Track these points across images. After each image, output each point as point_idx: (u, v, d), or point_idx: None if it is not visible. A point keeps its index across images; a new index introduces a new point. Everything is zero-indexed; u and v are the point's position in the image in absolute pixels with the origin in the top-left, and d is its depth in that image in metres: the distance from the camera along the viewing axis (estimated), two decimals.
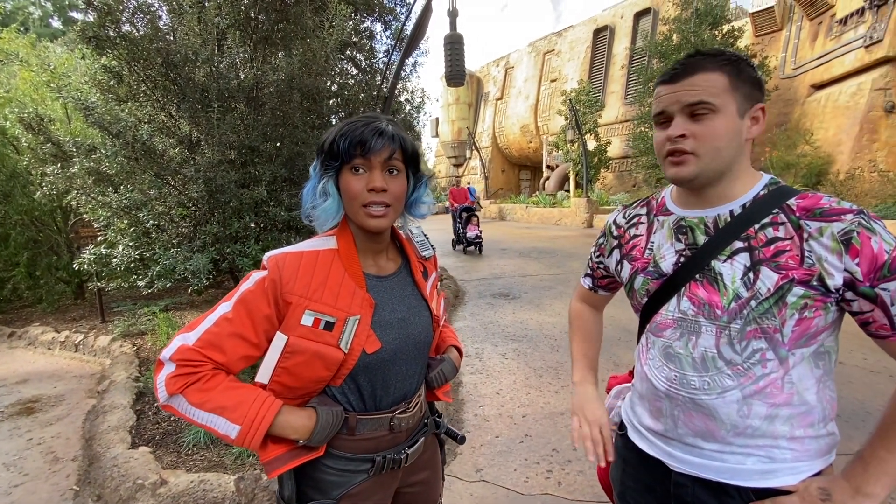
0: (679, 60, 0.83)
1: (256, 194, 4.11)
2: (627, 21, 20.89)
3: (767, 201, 0.80)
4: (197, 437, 2.54)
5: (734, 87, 0.78)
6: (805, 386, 0.79)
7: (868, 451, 0.75)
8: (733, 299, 0.78)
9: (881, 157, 11.23)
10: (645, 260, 0.92)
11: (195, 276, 3.85)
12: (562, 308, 5.56)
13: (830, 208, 0.74)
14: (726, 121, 0.78)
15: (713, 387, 0.81)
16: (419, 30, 4.82)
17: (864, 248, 0.70)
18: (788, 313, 0.75)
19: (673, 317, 0.86)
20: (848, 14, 12.24)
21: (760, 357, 0.78)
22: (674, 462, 0.88)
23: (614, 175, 20.55)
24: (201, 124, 3.91)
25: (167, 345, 0.83)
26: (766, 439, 0.80)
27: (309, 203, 0.90)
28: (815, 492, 0.76)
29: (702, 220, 0.84)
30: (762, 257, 0.77)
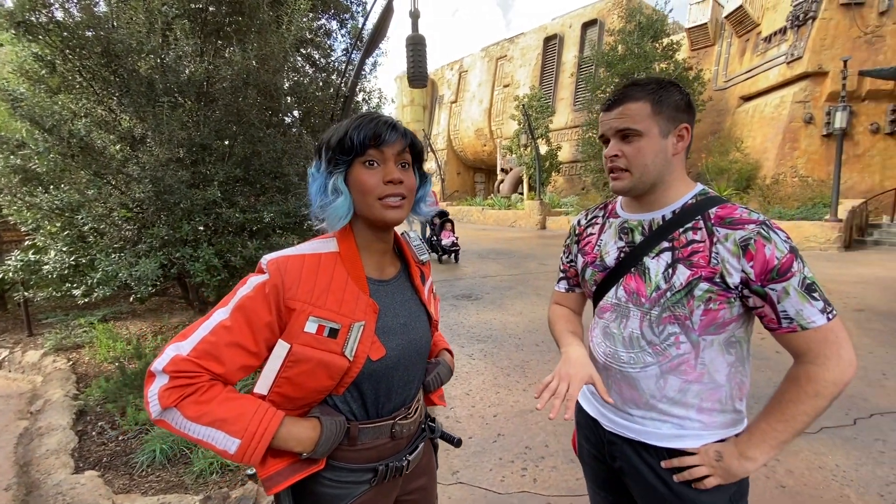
0: (614, 91, 0.97)
1: (209, 195, 3.89)
2: (575, 31, 21.75)
3: (693, 209, 0.93)
4: (152, 456, 2.35)
5: (656, 113, 0.91)
6: (715, 367, 0.92)
7: (754, 424, 0.91)
8: (654, 290, 0.92)
9: (801, 164, 12.39)
10: (594, 255, 1.07)
11: (141, 283, 3.58)
12: (523, 307, 5.67)
13: (739, 218, 0.87)
14: (650, 142, 0.91)
15: (637, 362, 0.96)
16: (380, 29, 4.76)
17: (757, 254, 0.83)
18: (696, 304, 0.88)
19: (611, 302, 1.01)
20: (772, 32, 13.43)
21: (674, 340, 0.92)
22: (606, 422, 1.05)
23: (565, 178, 21.30)
24: (147, 120, 3.64)
25: (158, 355, 0.76)
26: (679, 408, 0.94)
27: (318, 203, 0.85)
28: (712, 454, 0.91)
29: (640, 223, 0.99)
30: (680, 256, 0.90)
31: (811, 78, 12.15)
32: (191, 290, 5.18)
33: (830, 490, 2.17)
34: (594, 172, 16.94)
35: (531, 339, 4.47)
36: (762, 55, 13.90)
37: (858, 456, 2.43)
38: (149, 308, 5.74)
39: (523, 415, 2.97)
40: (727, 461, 0.89)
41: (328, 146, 0.84)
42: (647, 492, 0.98)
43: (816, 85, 12.14)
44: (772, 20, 13.50)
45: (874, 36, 11.43)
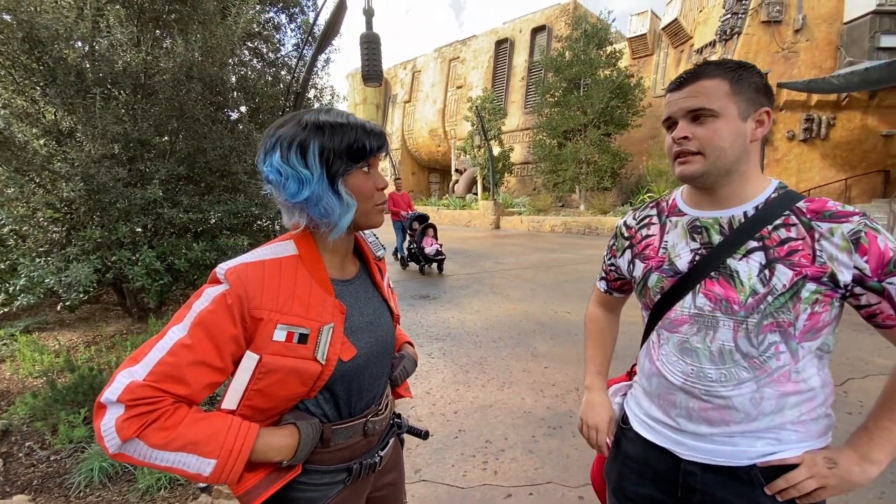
0: (685, 71, 0.88)
1: (149, 194, 3.65)
2: (525, 35, 22.36)
3: (779, 204, 0.84)
4: (90, 475, 2.18)
5: (735, 92, 0.82)
6: (809, 374, 0.85)
7: (872, 423, 0.82)
8: (750, 295, 0.81)
9: None
10: (659, 259, 0.93)
11: (72, 290, 3.31)
12: (480, 306, 5.77)
13: (837, 211, 0.80)
14: (728, 123, 0.82)
15: (730, 379, 0.84)
16: (333, 25, 4.67)
17: (871, 247, 0.76)
18: (802, 308, 0.79)
19: (689, 313, 0.88)
20: (703, 45, 14.47)
21: (775, 350, 0.82)
22: (684, 450, 0.90)
23: (517, 179, 21.84)
24: (77, 112, 3.37)
25: (108, 384, 0.69)
26: (776, 424, 0.85)
27: (336, 212, 0.80)
28: (822, 461, 0.81)
29: (716, 221, 0.88)
30: (777, 256, 0.81)
31: None
32: (128, 297, 4.84)
33: None
34: (545, 174, 17.50)
35: (489, 336, 4.56)
36: None
37: None
38: (79, 317, 5.29)
39: (483, 410, 3.03)
40: (844, 467, 0.80)
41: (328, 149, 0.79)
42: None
43: None
44: (703, 33, 14.56)
45: (790, 51, 12.63)
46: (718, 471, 0.87)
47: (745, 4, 12.84)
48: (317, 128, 0.79)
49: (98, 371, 2.93)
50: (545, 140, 16.82)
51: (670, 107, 0.88)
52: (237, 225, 4.57)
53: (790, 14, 12.51)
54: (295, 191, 0.78)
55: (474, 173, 21.04)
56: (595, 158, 15.63)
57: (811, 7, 12.38)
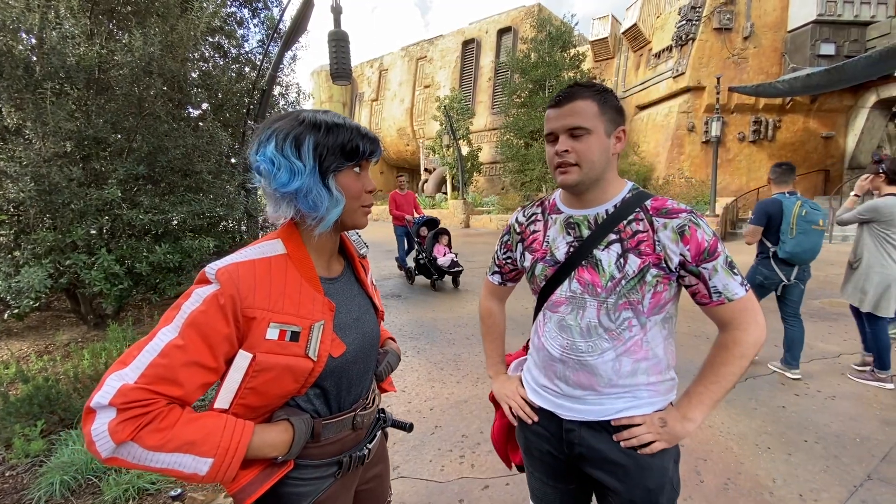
0: (562, 90, 1.02)
1: (107, 194, 3.49)
2: (492, 37, 22.59)
3: (631, 203, 1.01)
4: (50, 489, 2.07)
5: (602, 113, 0.98)
6: (656, 343, 1.03)
7: (691, 389, 1.03)
8: (609, 279, 0.98)
9: (686, 167, 14.09)
10: (543, 251, 1.09)
11: (23, 296, 3.13)
12: (452, 304, 5.82)
13: (672, 208, 0.98)
14: (598, 139, 0.98)
15: (595, 349, 1.02)
16: (300, 22, 4.59)
17: (692, 238, 0.94)
18: (647, 289, 0.96)
19: (565, 295, 1.04)
20: (661, 49, 15.07)
21: (628, 324, 1.00)
22: (563, 412, 1.08)
23: (486, 179, 22.06)
24: (26, 108, 3.18)
25: (97, 389, 0.68)
26: (630, 386, 1.03)
27: (324, 206, 0.82)
28: (657, 420, 1.01)
29: (585, 218, 1.04)
30: (629, 246, 0.98)
31: (692, 91, 13.86)
32: (83, 303, 4.60)
33: (718, 444, 2.54)
34: (512, 174, 17.75)
35: (462, 333, 4.61)
36: (653, 69, 15.55)
37: (737, 414, 2.87)
38: (28, 325, 4.98)
39: (458, 405, 3.07)
40: (671, 425, 0.99)
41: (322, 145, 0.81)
42: (610, 467, 1.03)
43: (696, 98, 13.88)
44: (660, 38, 15.16)
45: (740, 57, 13.35)
46: (591, 425, 1.05)
47: (699, 12, 13.47)
48: (313, 125, 0.82)
49: (55, 381, 2.78)
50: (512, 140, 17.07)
51: (551, 122, 1.02)
52: (202, 226, 4.43)
53: (740, 22, 13.23)
54: (286, 181, 0.80)
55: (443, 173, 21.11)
56: None
57: (759, 16, 13.13)
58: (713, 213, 11.33)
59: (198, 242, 4.12)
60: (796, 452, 2.46)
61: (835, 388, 3.20)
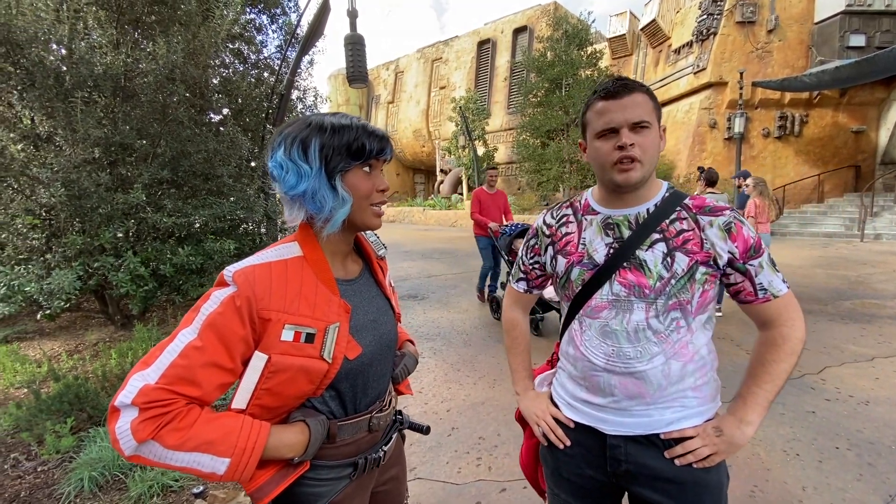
0: (613, 81, 0.97)
1: (132, 198, 3.59)
2: (507, 36, 22.50)
3: (671, 201, 0.99)
4: (80, 485, 2.14)
5: (655, 109, 0.96)
6: (701, 343, 0.99)
7: (744, 390, 0.97)
8: (658, 280, 0.94)
9: (708, 164, 13.75)
10: (579, 254, 1.04)
11: (54, 298, 3.24)
12: (468, 305, 5.80)
13: (714, 206, 0.96)
14: (655, 136, 0.95)
15: (644, 354, 0.96)
16: (317, 27, 4.65)
17: (739, 235, 0.93)
18: (697, 287, 0.93)
19: (608, 299, 0.98)
20: (681, 45, 14.78)
21: (676, 325, 0.95)
22: (607, 427, 1.01)
23: (502, 179, 21.96)
24: (57, 117, 3.30)
25: (121, 388, 0.70)
26: (679, 392, 0.98)
27: (329, 206, 0.83)
28: (711, 430, 0.95)
29: (626, 218, 1.00)
30: (675, 245, 0.95)
31: (714, 87, 13.54)
32: (111, 304, 4.74)
33: (743, 450, 2.47)
34: (529, 174, 17.63)
35: (479, 335, 4.60)
36: (673, 65, 15.25)
37: (765, 419, 2.78)
38: (60, 325, 5.16)
39: (475, 407, 3.06)
40: (729, 432, 0.94)
41: (328, 146, 0.81)
42: (662, 485, 0.97)
43: (718, 94, 13.55)
44: (680, 34, 14.86)
45: (764, 51, 12.98)
46: (638, 440, 0.99)
47: (721, 5, 13.15)
48: (320, 127, 0.83)
49: (84, 380, 2.87)
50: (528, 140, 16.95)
51: (610, 115, 0.94)
52: (223, 229, 4.52)
53: (763, 15, 12.86)
54: (293, 183, 0.81)
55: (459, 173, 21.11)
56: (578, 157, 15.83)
57: (783, 8, 12.75)
58: None
59: (219, 245, 4.20)
60: (827, 460, 2.37)
61: (868, 392, 3.07)
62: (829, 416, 2.79)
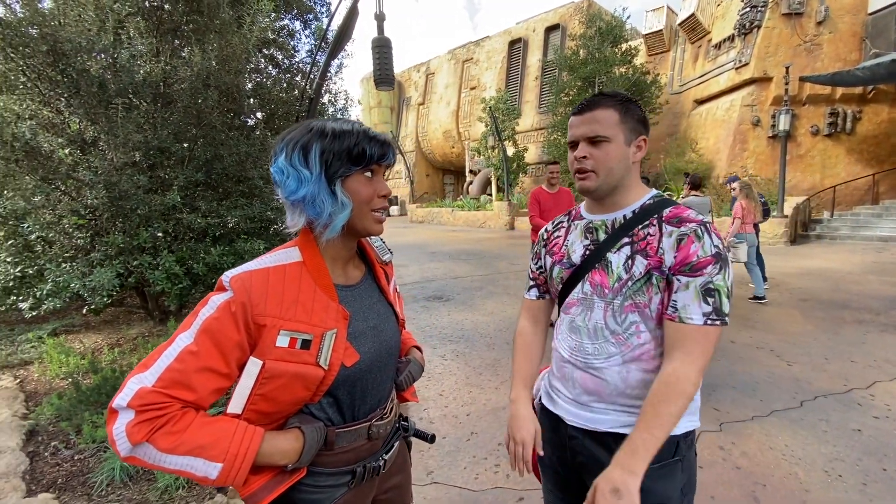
0: (585, 99, 1.06)
1: (168, 200, 3.75)
2: (539, 35, 22.22)
3: (649, 210, 1.02)
4: (111, 474, 2.25)
5: (622, 122, 1.01)
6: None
7: (636, 434, 0.87)
8: (616, 280, 0.99)
9: (750, 164, 13.12)
10: (561, 254, 1.13)
11: (96, 294, 3.41)
12: (494, 307, 5.75)
13: (685, 217, 0.97)
14: (616, 147, 1.01)
15: (601, 352, 1.01)
16: (345, 31, 4.72)
17: (684, 248, 0.93)
18: (654, 291, 0.96)
19: (577, 297, 1.07)
20: (721, 40, 14.17)
21: (635, 329, 0.98)
22: (570, 417, 1.07)
23: (532, 179, 21.69)
24: (100, 122, 3.48)
25: (119, 390, 0.71)
26: (640, 400, 0.97)
27: (327, 210, 0.82)
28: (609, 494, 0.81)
29: (604, 223, 1.07)
30: (638, 249, 0.99)
31: (757, 83, 12.90)
32: (150, 300, 4.97)
33: (781, 469, 2.32)
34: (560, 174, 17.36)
35: (502, 338, 4.54)
36: (713, 61, 14.63)
37: (805, 436, 2.61)
38: (104, 320, 5.46)
39: (496, 412, 3.02)
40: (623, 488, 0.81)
41: (328, 151, 0.81)
42: None
43: (762, 90, 12.89)
44: (721, 28, 14.25)
45: (812, 44, 12.26)
46: (595, 436, 1.03)
47: None
48: (321, 132, 0.83)
49: (120, 373, 3.02)
50: (560, 139, 16.68)
51: (572, 130, 1.06)
52: (254, 229, 4.65)
53: (812, 6, 12.15)
54: (294, 188, 0.82)
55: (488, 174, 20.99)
56: None
57: None
58: (781, 214, 10.47)
59: (249, 245, 4.32)
60: (873, 483, 2.19)
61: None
62: (878, 435, 2.59)
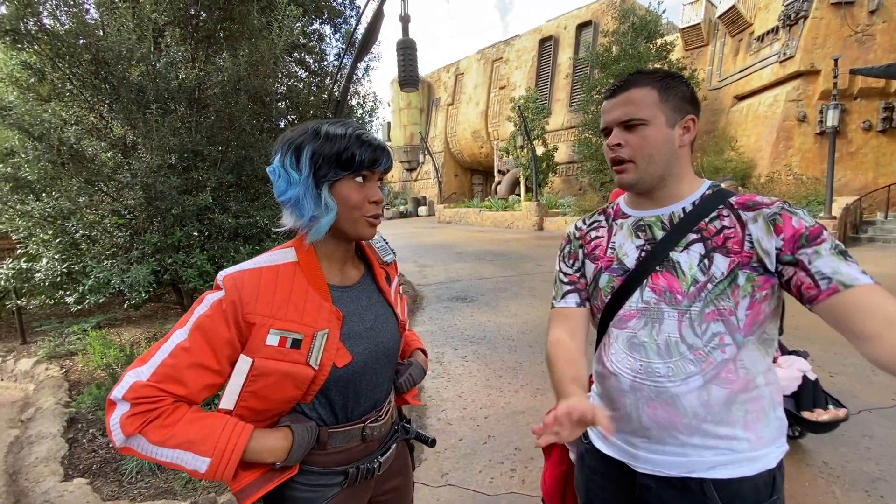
0: (618, 79, 0.92)
1: (201, 201, 3.89)
2: (570, 32, 21.83)
3: (713, 199, 0.88)
4: (141, 463, 2.36)
5: (662, 101, 0.86)
6: (757, 371, 0.84)
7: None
8: (692, 284, 0.83)
9: (795, 162, 12.44)
10: (608, 259, 0.96)
11: (133, 290, 3.59)
12: (517, 309, 5.68)
13: (761, 201, 0.84)
14: (656, 131, 0.86)
15: (677, 373, 0.83)
16: (371, 34, 4.78)
17: (785, 226, 0.79)
18: (741, 294, 0.80)
19: (637, 307, 0.89)
20: (764, 32, 13.49)
21: (719, 342, 0.82)
22: (637, 463, 0.89)
23: (562, 179, 21.34)
24: (138, 127, 3.66)
25: (118, 383, 0.74)
26: (725, 427, 0.83)
27: (308, 213, 0.82)
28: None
29: (658, 219, 0.91)
30: (714, 245, 0.84)
31: (803, 77, 12.21)
32: (185, 296, 5.18)
33: (817, 487, 2.18)
34: (591, 173, 17.00)
35: (525, 341, 4.48)
36: (755, 55, 13.95)
37: (846, 452, 2.44)
38: (143, 314, 5.74)
39: (514, 416, 2.98)
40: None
41: (318, 154, 0.81)
42: None
43: (809, 84, 12.20)
44: (764, 20, 13.57)
45: (865, 34, 11.49)
46: (673, 483, 0.86)
47: None
48: (315, 134, 0.83)
49: None
50: (591, 138, 16.33)
51: (605, 116, 0.92)
52: None
53: None
54: (283, 189, 0.83)
55: (517, 174, 20.79)
56: None
57: None
58: (829, 215, 9.86)
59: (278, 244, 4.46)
60: None
61: None
62: None
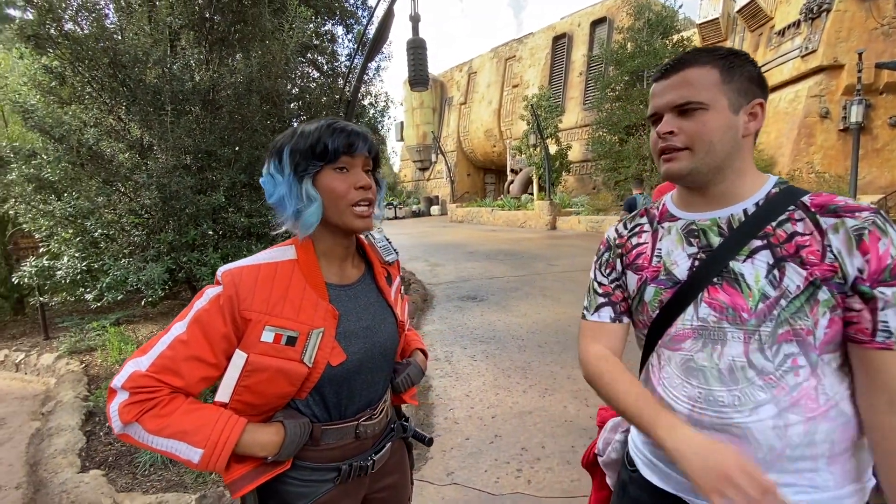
0: (673, 57, 0.81)
1: (214, 200, 3.97)
2: (584, 29, 21.60)
3: (782, 199, 0.75)
4: (154, 457, 2.42)
5: (725, 82, 0.75)
6: (841, 395, 0.73)
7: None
8: (760, 300, 0.71)
9: (817, 160, 12.11)
10: (654, 269, 0.84)
11: (149, 287, 3.68)
12: (528, 309, 5.65)
13: (846, 205, 0.71)
14: (718, 116, 0.74)
15: (745, 402, 0.72)
16: (381, 34, 4.80)
17: (872, 247, 0.67)
18: (821, 311, 0.69)
19: (692, 326, 0.77)
20: (785, 26, 13.16)
21: (792, 364, 0.71)
22: (699, 499, 0.76)
23: (575, 178, 21.14)
24: (154, 128, 3.74)
25: (118, 372, 0.78)
26: (806, 462, 0.72)
27: (292, 209, 0.84)
28: None
29: (714, 222, 0.79)
30: (785, 254, 0.71)
31: (826, 71, 11.86)
32: None
33: None
34: (605, 172, 16.82)
35: (534, 341, 4.46)
36: (776, 49, 13.62)
37: None
38: (160, 311, 5.87)
39: (521, 416, 2.97)
40: None
41: (295, 151, 0.84)
42: None
43: (832, 78, 11.85)
44: (785, 13, 13.23)
45: (891, 27, 11.12)
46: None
47: None
48: (293, 134, 0.85)
49: None
50: (605, 136, 16.17)
51: (655, 100, 0.80)
52: None
53: None
54: (271, 192, 0.86)
55: (529, 173, 20.66)
56: None
57: None
58: None
59: None
60: None
61: None
62: None
